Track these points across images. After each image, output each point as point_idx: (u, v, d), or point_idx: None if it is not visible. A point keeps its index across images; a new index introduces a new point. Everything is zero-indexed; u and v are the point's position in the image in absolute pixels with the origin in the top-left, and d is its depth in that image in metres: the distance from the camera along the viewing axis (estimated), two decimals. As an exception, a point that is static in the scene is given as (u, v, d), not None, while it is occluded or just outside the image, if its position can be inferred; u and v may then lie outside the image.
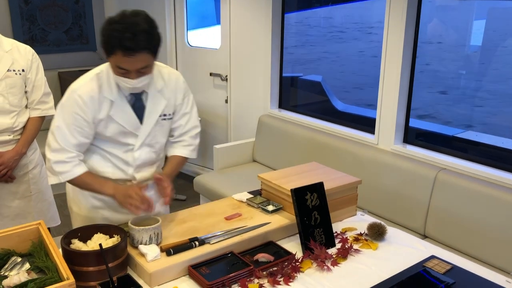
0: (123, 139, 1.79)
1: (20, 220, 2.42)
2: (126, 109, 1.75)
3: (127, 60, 1.57)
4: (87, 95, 1.69)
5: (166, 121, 1.86)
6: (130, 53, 1.55)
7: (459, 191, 2.51)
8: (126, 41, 1.52)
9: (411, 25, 2.80)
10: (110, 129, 1.76)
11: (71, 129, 1.70)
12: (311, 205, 1.76)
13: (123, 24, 1.53)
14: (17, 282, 1.37)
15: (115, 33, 1.53)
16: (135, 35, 1.53)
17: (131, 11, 1.58)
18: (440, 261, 1.68)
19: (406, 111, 2.96)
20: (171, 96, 1.84)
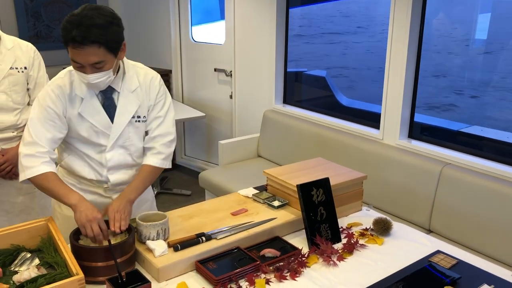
0: (95, 139, 1.75)
1: (24, 216, 2.44)
2: (95, 107, 1.72)
3: (77, 53, 1.53)
4: (59, 89, 1.69)
5: (141, 123, 1.80)
6: (77, 45, 1.51)
7: (464, 186, 2.51)
8: (75, 33, 1.49)
9: (417, 19, 2.79)
10: (82, 128, 1.73)
11: (43, 122, 1.68)
12: (317, 201, 1.77)
13: (77, 17, 1.51)
14: (27, 277, 1.39)
15: (68, 25, 1.51)
16: (85, 28, 1.49)
17: (93, 5, 1.56)
18: (445, 256, 1.69)
19: (411, 106, 2.96)
20: (144, 98, 1.78)
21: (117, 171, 1.82)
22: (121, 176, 1.83)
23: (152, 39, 4.70)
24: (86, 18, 1.51)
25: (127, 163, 1.82)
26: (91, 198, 1.83)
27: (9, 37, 2.34)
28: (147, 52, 4.77)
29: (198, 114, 4.10)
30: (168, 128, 1.83)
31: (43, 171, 1.64)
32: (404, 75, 2.85)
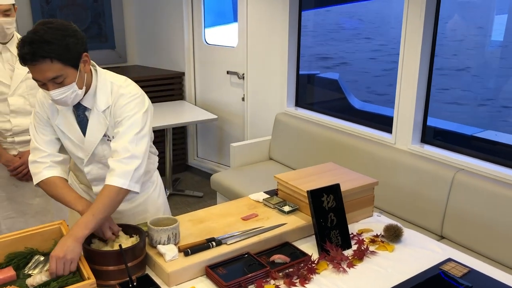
0: (75, 152, 1.76)
1: (40, 218, 2.48)
2: (70, 121, 1.71)
3: (32, 70, 1.51)
4: (42, 97, 1.71)
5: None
6: (29, 62, 1.48)
7: (477, 192, 2.48)
8: (24, 50, 1.46)
9: (430, 22, 2.77)
10: (63, 139, 1.74)
11: (37, 127, 1.73)
12: (327, 207, 1.77)
13: (28, 34, 1.49)
14: (39, 281, 1.42)
15: (20, 43, 1.49)
16: (34, 45, 1.46)
17: (45, 20, 1.52)
18: (457, 264, 1.67)
19: (424, 110, 2.94)
20: (112, 118, 1.69)
21: (99, 182, 1.79)
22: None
23: (166, 41, 4.73)
24: (35, 35, 1.47)
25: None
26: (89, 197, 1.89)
27: None
28: (160, 55, 4.81)
29: (210, 116, 4.12)
30: (124, 144, 1.63)
31: (46, 176, 1.68)
32: (417, 79, 2.83)
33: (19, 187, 2.43)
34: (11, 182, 2.41)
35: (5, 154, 2.33)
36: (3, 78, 2.27)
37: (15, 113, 2.31)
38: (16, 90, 2.29)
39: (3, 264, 1.54)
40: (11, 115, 2.31)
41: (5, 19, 2.19)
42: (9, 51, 2.29)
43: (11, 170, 2.34)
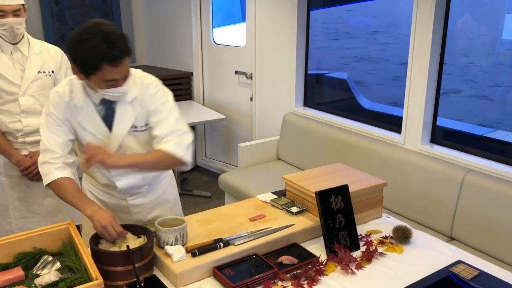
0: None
1: (51, 218, 2.50)
2: (93, 116, 1.73)
3: (115, 70, 1.55)
4: (58, 96, 1.71)
5: (140, 132, 1.77)
6: (118, 62, 1.53)
7: (488, 193, 2.45)
8: (111, 52, 1.50)
9: (440, 21, 2.75)
10: (85, 136, 1.74)
11: (50, 128, 1.71)
12: (335, 208, 1.76)
13: (95, 38, 1.49)
14: (48, 281, 1.42)
15: (94, 48, 1.49)
16: (117, 43, 1.51)
17: (92, 23, 1.54)
18: (467, 266, 1.65)
19: (433, 110, 2.91)
20: (141, 109, 1.75)
21: (123, 177, 1.83)
22: (129, 181, 1.85)
23: (174, 41, 4.74)
24: (108, 35, 1.50)
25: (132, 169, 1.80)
26: (109, 199, 1.91)
27: (38, 42, 2.40)
28: (168, 55, 4.82)
29: (218, 116, 4.12)
30: (170, 126, 1.73)
31: (57, 177, 1.67)
32: (427, 78, 2.81)
33: (30, 187, 2.45)
34: (22, 182, 2.42)
35: (16, 154, 2.35)
36: (14, 78, 2.29)
37: (26, 113, 2.33)
38: (26, 90, 2.31)
39: (12, 264, 1.54)
40: (22, 115, 2.32)
41: (15, 19, 2.21)
42: (20, 51, 2.31)
43: (22, 170, 2.36)
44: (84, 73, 1.58)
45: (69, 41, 1.55)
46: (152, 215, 1.98)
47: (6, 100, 2.30)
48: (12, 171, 2.40)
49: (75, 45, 1.53)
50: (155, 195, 1.97)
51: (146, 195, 1.94)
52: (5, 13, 2.18)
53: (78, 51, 1.53)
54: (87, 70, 1.55)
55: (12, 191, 2.43)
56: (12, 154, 2.34)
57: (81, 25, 1.55)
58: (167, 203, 2.04)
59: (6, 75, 2.27)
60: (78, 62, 1.56)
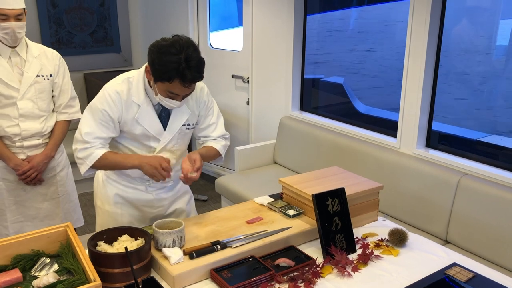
0: (146, 141, 1.88)
1: (48, 221, 2.49)
2: (151, 115, 1.84)
3: (183, 89, 1.69)
4: (116, 95, 1.79)
5: (189, 130, 1.95)
6: (189, 84, 1.68)
7: (483, 197, 2.48)
8: (185, 73, 1.64)
9: (435, 26, 2.78)
10: (136, 131, 1.84)
11: (98, 123, 1.79)
12: (332, 211, 1.77)
13: (178, 56, 1.63)
14: (46, 283, 1.42)
15: (174, 64, 1.63)
16: (194, 68, 1.65)
17: (183, 42, 1.67)
18: (462, 269, 1.67)
19: (429, 114, 2.94)
20: (195, 107, 1.93)
21: None
22: None
23: (171, 45, 4.75)
24: (190, 58, 1.64)
25: (171, 164, 1.92)
26: (132, 195, 1.98)
27: (36, 45, 2.40)
28: (165, 58, 4.82)
29: (215, 120, 4.12)
30: (222, 131, 2.05)
31: (100, 154, 1.79)
32: (422, 83, 2.84)
33: (28, 191, 2.45)
34: (19, 186, 2.42)
35: (14, 158, 2.34)
36: (12, 82, 2.28)
37: (24, 117, 2.32)
38: (25, 94, 2.31)
39: (9, 266, 1.54)
40: (20, 119, 2.32)
41: (17, 23, 2.21)
42: (19, 55, 2.31)
43: (19, 174, 2.36)
44: (155, 78, 1.70)
45: (155, 46, 1.70)
46: (172, 208, 2.08)
47: (4, 104, 2.29)
48: (9, 175, 2.39)
49: (159, 52, 1.66)
50: (176, 189, 2.08)
51: (170, 189, 2.05)
52: (7, 17, 2.18)
53: (160, 58, 1.66)
54: (159, 77, 1.68)
55: (9, 195, 2.42)
56: (10, 158, 2.34)
57: (173, 37, 1.71)
58: (185, 196, 2.15)
59: (5, 78, 2.26)
60: (155, 67, 1.68)
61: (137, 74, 1.83)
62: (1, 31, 2.19)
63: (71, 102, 2.48)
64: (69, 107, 2.47)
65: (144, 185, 1.98)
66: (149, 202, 2.01)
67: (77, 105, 2.51)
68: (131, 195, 1.98)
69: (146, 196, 2.00)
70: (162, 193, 2.03)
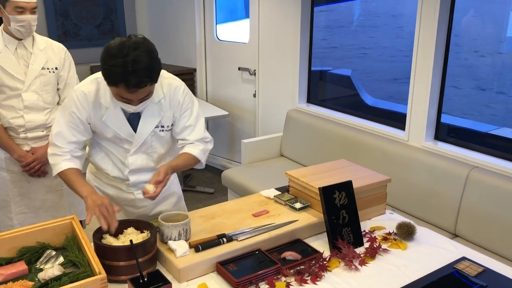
0: (119, 143, 1.83)
1: (53, 213, 2.50)
2: (119, 117, 1.76)
3: (130, 95, 1.59)
4: (83, 96, 1.74)
5: (164, 132, 1.84)
6: (133, 89, 1.56)
7: (492, 190, 2.44)
8: (129, 78, 1.52)
9: (445, 18, 2.73)
10: (106, 133, 1.79)
11: (67, 125, 1.76)
12: (339, 204, 1.75)
13: (124, 59, 1.51)
14: (51, 275, 1.42)
15: (117, 69, 1.52)
16: (138, 72, 1.52)
17: (131, 43, 1.55)
18: (471, 263, 1.64)
19: (438, 107, 2.90)
20: (168, 109, 1.81)
21: (137, 173, 1.88)
22: (141, 177, 1.89)
23: (177, 38, 4.73)
24: (135, 62, 1.52)
25: (148, 166, 1.88)
26: (114, 192, 1.94)
27: (42, 38, 2.40)
28: (172, 51, 4.81)
29: (221, 112, 4.11)
30: (200, 134, 1.87)
31: (64, 168, 1.74)
32: (431, 75, 2.79)
33: (32, 183, 2.45)
34: (23, 177, 2.42)
35: (18, 149, 2.35)
36: (18, 74, 2.28)
37: (28, 108, 2.32)
38: (30, 86, 2.31)
39: (15, 258, 1.54)
40: (24, 111, 2.32)
41: (33, 16, 2.24)
42: (25, 48, 2.31)
43: (23, 165, 2.36)
44: (106, 82, 1.61)
45: (105, 47, 1.58)
46: (157, 209, 2.00)
47: (9, 96, 2.30)
48: (13, 167, 2.40)
49: (107, 54, 1.55)
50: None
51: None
52: (24, 9, 2.19)
53: (106, 61, 1.55)
54: (106, 80, 1.60)
55: (13, 186, 2.43)
56: (14, 150, 2.34)
57: (128, 36, 1.59)
58: (171, 197, 2.06)
59: (10, 70, 2.27)
60: (102, 70, 1.59)
61: None
62: (17, 24, 2.21)
63: None
64: None
65: (124, 184, 1.91)
66: (130, 201, 1.95)
67: None
68: (114, 193, 1.94)
69: (127, 195, 1.93)
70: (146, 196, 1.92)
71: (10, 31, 2.25)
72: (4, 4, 2.19)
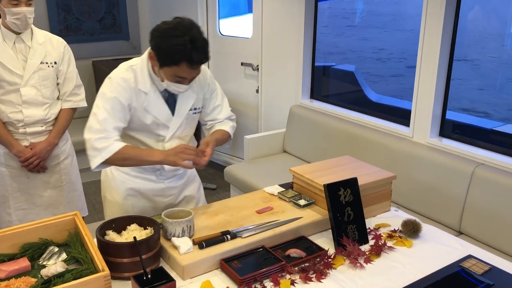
0: (155, 130, 1.85)
1: (52, 210, 2.49)
2: (159, 102, 1.81)
3: (189, 71, 1.67)
4: (124, 82, 1.75)
5: (196, 114, 1.93)
6: (196, 65, 1.66)
7: (498, 187, 2.42)
8: (192, 55, 1.61)
9: (451, 12, 2.70)
10: (146, 120, 1.81)
11: (111, 112, 1.74)
12: (344, 201, 1.74)
13: (185, 38, 1.60)
14: (54, 272, 1.41)
15: (180, 47, 1.60)
16: (200, 49, 1.63)
17: (186, 23, 1.63)
18: (477, 261, 1.63)
19: (443, 103, 2.87)
20: (199, 91, 1.90)
21: None
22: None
23: (180, 32, 4.70)
24: (196, 39, 1.61)
25: None
26: (142, 185, 1.96)
27: (41, 32, 2.38)
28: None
29: (224, 108, 4.09)
30: (228, 111, 2.03)
31: (119, 147, 1.71)
32: (437, 71, 2.77)
33: (31, 179, 2.43)
34: (23, 173, 2.41)
35: (17, 144, 2.33)
36: (16, 69, 2.27)
37: (27, 103, 2.31)
38: (28, 81, 2.29)
39: (18, 254, 1.53)
40: (23, 106, 2.30)
41: (28, 9, 2.22)
42: (23, 42, 2.29)
43: (22, 161, 2.34)
44: (161, 63, 1.67)
45: (158, 30, 1.65)
46: (182, 195, 2.07)
47: (7, 90, 2.28)
48: (12, 162, 2.38)
49: (163, 36, 1.62)
50: (186, 176, 2.07)
51: (180, 177, 2.04)
52: (19, 2, 2.18)
53: (165, 42, 1.62)
54: (166, 61, 1.65)
55: (12, 182, 2.41)
56: (12, 145, 2.32)
57: (174, 19, 1.66)
58: (195, 182, 2.14)
59: (8, 65, 2.25)
60: (160, 51, 1.65)
61: (140, 62, 1.79)
62: (12, 17, 2.19)
63: (76, 90, 2.46)
64: (74, 95, 2.45)
65: (155, 175, 1.95)
66: (160, 191, 1.99)
67: (82, 93, 2.49)
68: (142, 185, 1.96)
69: (157, 185, 1.97)
70: (172, 181, 2.00)
71: (8, 25, 2.23)
72: None
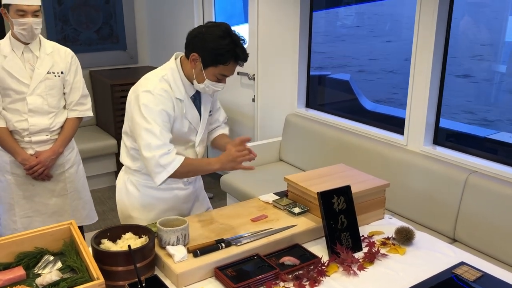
0: (188, 136, 1.93)
1: (56, 218, 2.50)
2: (192, 107, 1.90)
3: (232, 70, 1.78)
4: (166, 93, 1.80)
5: (210, 116, 2.03)
6: (241, 63, 1.78)
7: (491, 195, 2.44)
8: (239, 54, 1.74)
9: (443, 21, 2.74)
10: (184, 128, 1.88)
11: (162, 125, 1.77)
12: (337, 209, 1.75)
13: (231, 39, 1.73)
14: (49, 280, 1.42)
15: (228, 46, 1.72)
16: (243, 48, 1.76)
17: (225, 26, 1.77)
18: (470, 268, 1.64)
19: (436, 111, 2.90)
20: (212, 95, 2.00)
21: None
22: None
23: (176, 42, 4.74)
24: (239, 39, 1.76)
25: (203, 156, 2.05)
26: (168, 194, 1.99)
27: (49, 43, 2.43)
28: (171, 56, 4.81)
29: (220, 117, 4.11)
30: (224, 113, 2.17)
31: (181, 161, 1.78)
32: (430, 79, 2.80)
33: (36, 186, 2.45)
34: (28, 181, 2.43)
35: (22, 152, 2.36)
36: (23, 78, 2.30)
37: (32, 112, 2.34)
38: (35, 90, 2.33)
39: (13, 263, 1.54)
40: (29, 114, 2.33)
41: (35, 20, 2.25)
42: (31, 52, 2.33)
43: (27, 169, 2.36)
44: (207, 63, 1.76)
45: (202, 33, 1.77)
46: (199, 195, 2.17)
47: (14, 99, 2.32)
48: (18, 170, 2.41)
49: (210, 38, 1.74)
50: (198, 183, 2.16)
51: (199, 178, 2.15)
52: (25, 13, 2.21)
53: (213, 43, 1.73)
54: (214, 61, 1.75)
55: (18, 189, 2.43)
56: (18, 153, 2.35)
57: (211, 22, 1.82)
58: (200, 181, 2.20)
59: (16, 74, 2.29)
60: (208, 53, 1.75)
61: (169, 71, 1.85)
62: (19, 27, 2.22)
63: (82, 100, 2.49)
64: (80, 104, 2.49)
65: (182, 182, 2.00)
66: (187, 196, 2.05)
67: (88, 103, 2.53)
68: (165, 195, 1.98)
69: (184, 191, 2.03)
70: (195, 184, 2.10)
71: (17, 36, 2.27)
72: (8, 8, 2.21)
